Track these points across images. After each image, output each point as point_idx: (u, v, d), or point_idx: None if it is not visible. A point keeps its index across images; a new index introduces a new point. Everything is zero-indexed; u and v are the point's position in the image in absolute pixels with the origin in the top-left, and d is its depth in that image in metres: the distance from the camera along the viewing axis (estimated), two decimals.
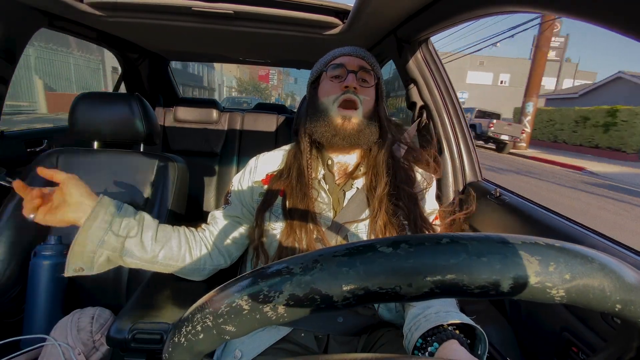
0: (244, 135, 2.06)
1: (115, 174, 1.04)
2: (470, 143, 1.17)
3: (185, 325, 0.23)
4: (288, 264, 0.21)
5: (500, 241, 0.20)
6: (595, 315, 0.62)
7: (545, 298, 0.19)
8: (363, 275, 0.19)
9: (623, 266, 0.21)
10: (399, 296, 0.19)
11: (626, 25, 0.40)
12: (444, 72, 1.16)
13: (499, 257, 0.19)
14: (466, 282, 0.19)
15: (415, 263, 0.19)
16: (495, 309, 0.93)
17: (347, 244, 0.21)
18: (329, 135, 0.69)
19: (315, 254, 0.21)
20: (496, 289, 0.19)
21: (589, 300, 0.20)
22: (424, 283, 0.19)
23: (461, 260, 0.19)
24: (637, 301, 0.20)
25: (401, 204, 0.70)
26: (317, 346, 0.66)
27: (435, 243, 0.20)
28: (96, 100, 1.06)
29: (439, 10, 0.85)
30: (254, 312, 0.20)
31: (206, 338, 0.22)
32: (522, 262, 0.19)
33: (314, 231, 0.68)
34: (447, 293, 0.19)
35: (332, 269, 0.19)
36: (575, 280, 0.19)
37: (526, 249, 0.19)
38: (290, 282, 0.20)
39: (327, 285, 0.19)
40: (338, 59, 0.74)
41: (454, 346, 0.47)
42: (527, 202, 0.92)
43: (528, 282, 0.19)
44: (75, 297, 0.95)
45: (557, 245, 0.20)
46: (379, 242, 0.20)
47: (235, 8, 1.04)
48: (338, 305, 0.20)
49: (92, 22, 1.25)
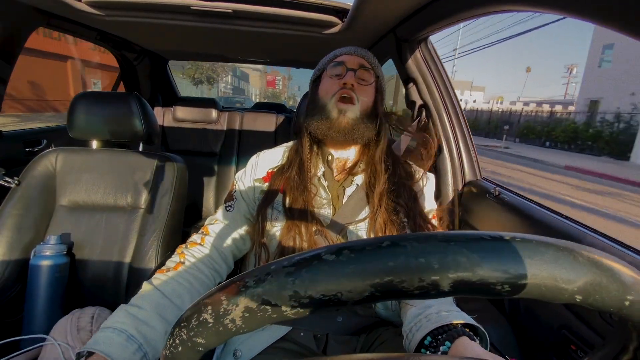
0: (243, 135, 2.06)
1: (114, 174, 1.04)
2: (469, 142, 1.17)
3: (169, 339, 0.24)
4: (245, 277, 0.22)
5: (443, 239, 0.20)
6: (593, 313, 0.62)
7: (492, 294, 0.19)
8: (307, 284, 0.20)
9: (570, 251, 0.20)
10: (341, 302, 0.20)
11: (625, 24, 0.40)
12: (443, 71, 1.16)
13: (438, 256, 0.19)
14: (405, 284, 0.19)
15: (354, 268, 0.19)
16: (494, 308, 0.94)
17: (297, 254, 0.22)
18: (324, 128, 0.70)
19: (268, 266, 0.21)
20: (436, 288, 0.19)
21: (542, 292, 0.19)
22: (363, 287, 0.19)
23: (399, 262, 0.19)
24: (600, 289, 0.19)
25: (401, 201, 0.70)
26: (316, 345, 0.67)
27: (376, 247, 0.20)
28: (95, 99, 1.06)
29: (438, 9, 0.85)
30: (217, 325, 0.22)
31: (184, 350, 0.23)
32: (462, 260, 0.19)
33: (315, 225, 0.68)
34: (387, 296, 0.20)
35: (281, 280, 0.20)
36: (521, 274, 0.19)
37: (468, 246, 0.19)
38: (245, 295, 0.21)
39: (276, 296, 0.20)
40: (339, 57, 0.76)
41: (468, 342, 0.47)
42: (526, 201, 0.92)
43: (469, 280, 0.19)
44: (75, 297, 0.95)
45: (505, 238, 0.20)
46: (327, 250, 0.21)
47: (234, 7, 1.03)
48: (288, 314, 0.20)
49: (91, 21, 1.25)
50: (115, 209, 1.02)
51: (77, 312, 0.79)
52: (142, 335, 0.55)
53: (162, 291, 0.61)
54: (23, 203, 0.97)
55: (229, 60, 2.38)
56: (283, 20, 1.12)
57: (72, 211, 1.01)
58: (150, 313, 0.57)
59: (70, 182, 1.02)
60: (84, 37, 1.43)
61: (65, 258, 0.91)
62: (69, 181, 1.02)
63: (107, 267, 0.97)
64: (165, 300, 0.60)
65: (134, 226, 1.00)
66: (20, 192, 0.98)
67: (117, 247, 0.99)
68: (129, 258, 0.98)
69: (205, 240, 0.72)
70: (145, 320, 0.56)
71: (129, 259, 0.98)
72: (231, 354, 0.66)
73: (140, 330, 0.55)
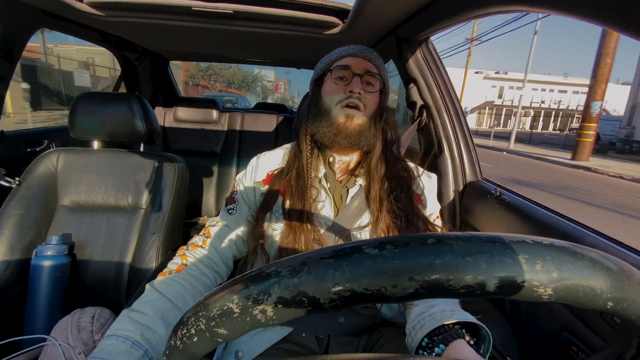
0: (243, 135, 2.06)
1: (115, 174, 1.04)
2: (470, 142, 1.17)
3: (181, 328, 0.23)
4: (277, 267, 0.21)
5: (488, 240, 0.20)
6: (595, 314, 0.62)
7: (533, 297, 0.19)
8: (349, 277, 0.19)
9: (614, 263, 0.20)
10: (384, 297, 0.19)
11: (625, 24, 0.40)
12: (444, 71, 1.16)
13: (485, 256, 0.19)
14: (451, 282, 0.19)
15: (400, 264, 0.19)
16: (495, 308, 0.93)
17: (334, 246, 0.21)
18: (331, 135, 0.69)
19: (303, 256, 0.21)
20: (482, 288, 0.19)
21: (578, 298, 0.20)
22: (408, 284, 0.19)
23: (446, 260, 0.19)
24: (630, 298, 0.20)
25: (401, 205, 0.70)
26: (318, 346, 0.66)
27: (421, 243, 0.20)
28: (96, 100, 1.06)
29: (439, 9, 0.85)
30: (244, 315, 0.21)
31: (200, 341, 0.22)
32: (508, 261, 0.19)
33: (312, 232, 0.68)
34: (432, 293, 0.19)
35: (319, 271, 0.20)
36: (564, 279, 0.19)
37: (513, 247, 0.19)
38: (279, 285, 0.20)
39: (314, 288, 0.20)
40: (344, 59, 0.73)
41: (461, 346, 0.47)
42: (527, 202, 0.92)
43: (515, 281, 0.19)
44: (76, 297, 0.95)
45: (545, 243, 0.20)
46: (366, 243, 0.20)
47: (235, 7, 1.03)
48: (325, 307, 0.20)
49: (92, 21, 1.25)
50: (116, 209, 1.02)
51: (78, 312, 0.80)
52: (147, 341, 0.55)
53: (165, 294, 0.61)
54: (24, 203, 0.97)
55: (230, 60, 2.38)
56: (284, 21, 1.12)
57: (73, 211, 1.01)
58: (154, 317, 0.57)
59: (71, 182, 1.02)
60: (86, 37, 1.43)
61: (66, 258, 0.91)
62: (70, 181, 1.02)
63: (108, 267, 0.98)
64: (168, 304, 0.60)
65: (134, 226, 1.00)
66: (21, 192, 0.98)
67: (118, 247, 0.99)
68: (130, 258, 0.98)
69: (207, 242, 0.72)
70: (149, 325, 0.56)
71: (130, 259, 0.98)
72: (233, 354, 0.66)
73: (145, 335, 0.55)
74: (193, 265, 0.67)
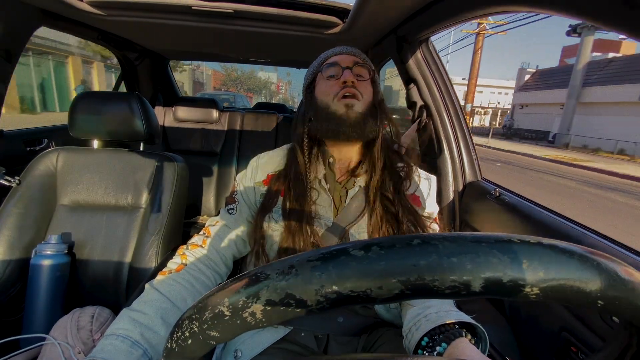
0: (243, 135, 2.06)
1: (115, 173, 1.04)
2: (470, 143, 1.17)
3: (176, 331, 0.24)
4: (266, 270, 0.21)
5: (473, 240, 0.20)
6: (594, 315, 0.62)
7: (520, 296, 0.19)
8: (335, 279, 0.19)
9: (603, 260, 0.20)
10: (370, 298, 0.19)
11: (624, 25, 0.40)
12: (444, 71, 1.16)
13: (470, 256, 0.19)
14: (436, 283, 0.19)
15: (385, 265, 0.19)
16: (494, 309, 0.93)
17: (322, 248, 0.21)
18: (335, 128, 0.69)
19: (292, 259, 0.21)
20: (467, 289, 0.19)
21: (567, 296, 0.19)
22: (393, 285, 0.19)
23: (431, 260, 0.19)
24: (621, 296, 0.20)
25: (396, 200, 0.70)
26: (317, 346, 0.66)
27: (406, 244, 0.20)
28: (96, 99, 1.06)
29: (439, 9, 0.85)
30: (234, 318, 0.21)
31: (194, 343, 0.23)
32: (494, 261, 0.19)
33: (311, 235, 0.68)
34: (417, 294, 0.19)
35: (306, 274, 0.20)
36: (551, 277, 0.19)
37: (499, 247, 0.19)
38: (267, 288, 0.20)
39: (301, 290, 0.20)
40: (331, 58, 0.75)
41: (464, 345, 0.47)
42: (526, 202, 0.92)
43: (500, 281, 0.19)
44: (75, 296, 0.95)
45: (531, 241, 0.20)
46: (353, 245, 0.20)
47: (235, 7, 1.03)
48: (312, 309, 0.20)
49: (92, 21, 1.25)
50: (116, 209, 1.02)
51: (77, 312, 0.79)
52: (147, 341, 0.55)
53: (164, 294, 0.61)
54: (24, 202, 0.97)
55: (230, 60, 2.38)
56: (284, 21, 1.12)
57: (72, 211, 1.01)
58: (154, 317, 0.57)
59: (71, 181, 1.02)
60: (86, 36, 1.43)
61: (66, 257, 0.91)
62: (70, 181, 1.02)
63: (107, 267, 0.97)
64: (168, 304, 0.60)
65: (134, 226, 1.00)
66: (21, 192, 0.98)
67: (117, 247, 0.99)
68: (130, 257, 0.98)
69: (207, 241, 0.71)
70: (148, 325, 0.56)
71: (130, 258, 0.98)
72: (231, 353, 0.66)
73: (144, 335, 0.55)
74: (193, 264, 0.67)
